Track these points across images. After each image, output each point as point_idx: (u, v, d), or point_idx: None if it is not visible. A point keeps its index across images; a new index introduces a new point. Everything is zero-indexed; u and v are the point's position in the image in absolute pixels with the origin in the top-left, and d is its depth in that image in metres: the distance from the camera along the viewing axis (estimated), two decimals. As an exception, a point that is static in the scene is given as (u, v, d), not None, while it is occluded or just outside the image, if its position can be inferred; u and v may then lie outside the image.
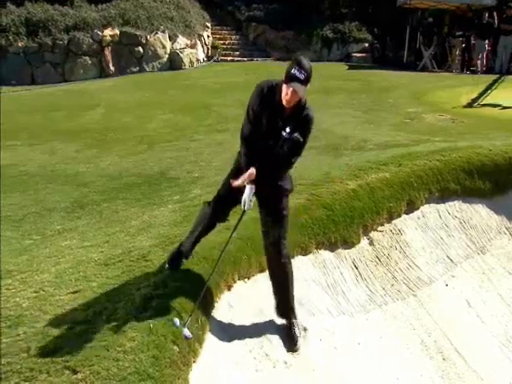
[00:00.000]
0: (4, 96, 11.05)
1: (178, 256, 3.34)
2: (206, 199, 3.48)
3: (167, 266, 3.33)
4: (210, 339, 3.08)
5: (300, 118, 2.93)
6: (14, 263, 3.75)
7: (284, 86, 2.80)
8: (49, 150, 7.47)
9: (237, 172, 3.12)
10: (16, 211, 5.02)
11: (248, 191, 2.99)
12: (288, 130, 2.91)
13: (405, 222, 4.82)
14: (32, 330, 2.85)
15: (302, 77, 2.74)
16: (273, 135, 2.92)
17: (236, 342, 3.21)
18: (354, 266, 4.28)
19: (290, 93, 2.78)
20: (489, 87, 11.22)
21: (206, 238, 3.42)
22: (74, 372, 2.52)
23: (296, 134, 2.92)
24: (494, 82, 11.82)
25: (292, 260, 3.37)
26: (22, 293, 3.25)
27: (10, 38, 12.62)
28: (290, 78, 2.76)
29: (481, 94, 10.53)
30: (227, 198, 3.19)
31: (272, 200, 3.12)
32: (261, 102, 2.90)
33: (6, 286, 3.36)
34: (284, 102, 2.83)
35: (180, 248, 3.35)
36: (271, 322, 3.41)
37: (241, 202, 3.07)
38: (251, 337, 3.28)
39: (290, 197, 3.27)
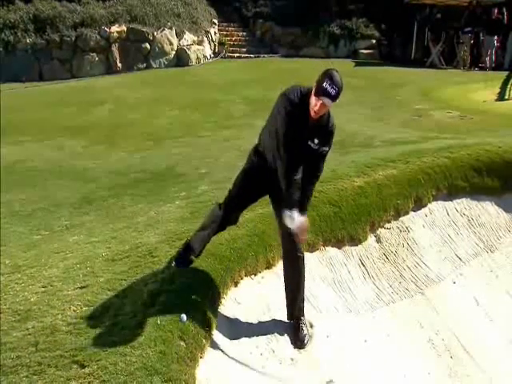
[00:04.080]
0: (13, 92, 11.11)
1: (184, 255, 3.33)
2: (213, 195, 3.49)
3: (174, 264, 3.32)
4: (217, 335, 3.08)
5: (325, 128, 2.91)
6: (23, 258, 3.77)
7: (313, 98, 2.77)
8: (57, 146, 7.51)
9: (249, 175, 3.12)
10: (25, 206, 5.05)
11: (295, 217, 2.85)
12: (316, 141, 2.89)
13: (412, 219, 4.79)
14: (40, 324, 2.86)
15: (333, 92, 2.71)
16: (298, 143, 2.89)
17: (242, 338, 3.21)
18: (361, 264, 4.27)
19: (319, 105, 2.75)
20: (505, 82, 11.17)
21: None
22: (82, 366, 2.54)
23: (325, 148, 2.93)
24: (508, 77, 11.75)
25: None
26: (30, 287, 3.27)
27: (19, 34, 12.69)
28: (320, 92, 2.73)
29: (503, 88, 10.50)
30: (240, 203, 3.20)
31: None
32: (292, 113, 2.83)
33: (15, 281, 3.38)
34: (312, 114, 2.81)
35: (189, 246, 3.33)
36: (278, 318, 3.41)
37: (252, 203, 3.19)
38: (258, 333, 3.28)
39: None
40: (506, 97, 9.97)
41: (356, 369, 3.45)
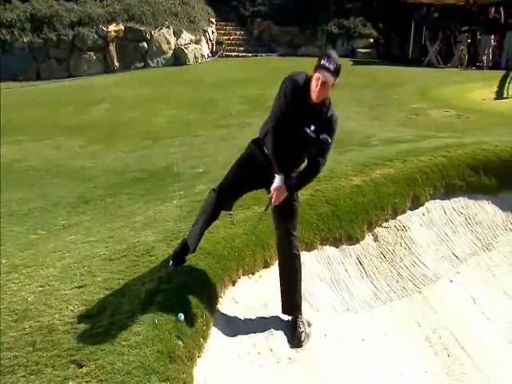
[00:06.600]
0: (11, 91, 11.08)
1: (181, 253, 3.31)
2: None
3: (171, 263, 3.30)
4: (215, 334, 3.08)
5: (324, 117, 2.91)
6: (20, 257, 3.76)
7: (314, 77, 2.80)
8: (55, 146, 7.49)
9: (247, 163, 3.11)
10: (22, 206, 5.04)
11: (278, 181, 2.96)
12: (313, 128, 2.89)
13: (410, 218, 4.80)
14: (37, 324, 2.86)
15: (331, 67, 2.76)
16: (295, 129, 2.90)
17: (240, 337, 3.21)
18: (358, 262, 4.27)
19: (319, 84, 2.77)
20: (503, 81, 11.20)
21: (211, 233, 3.41)
22: (80, 366, 2.53)
23: (324, 135, 2.90)
24: (505, 76, 11.77)
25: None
26: (27, 287, 3.26)
27: (16, 33, 12.66)
28: (319, 67, 2.78)
29: (500, 87, 10.52)
30: (235, 189, 3.18)
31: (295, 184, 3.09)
32: (294, 93, 2.86)
33: (12, 280, 3.37)
34: (313, 96, 2.81)
35: (184, 243, 3.32)
36: (275, 317, 3.41)
37: (246, 192, 3.15)
38: (255, 332, 3.28)
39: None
40: (505, 95, 10.00)
41: (354, 367, 3.46)
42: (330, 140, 2.93)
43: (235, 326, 3.25)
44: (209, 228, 3.32)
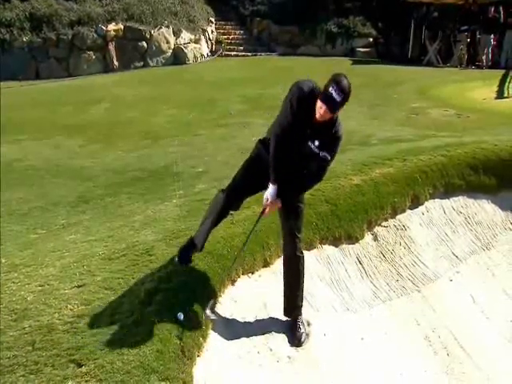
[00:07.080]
0: (10, 91, 11.08)
1: (187, 250, 3.29)
2: (210, 194, 3.48)
3: (177, 260, 3.29)
4: (214, 334, 3.09)
5: (330, 133, 2.90)
6: (20, 257, 3.76)
7: (319, 101, 2.77)
8: (54, 145, 7.49)
9: (255, 163, 3.12)
10: (21, 205, 5.04)
11: (271, 191, 2.98)
12: (317, 143, 2.89)
13: (409, 217, 4.80)
14: (37, 323, 2.86)
15: (337, 98, 2.71)
16: (299, 141, 2.89)
17: (240, 336, 3.21)
18: (358, 262, 4.28)
19: (323, 111, 2.76)
20: (503, 80, 11.21)
21: (211, 232, 3.40)
22: (79, 365, 2.53)
23: (325, 153, 2.91)
24: (505, 75, 11.78)
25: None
26: (27, 286, 3.26)
27: (15, 32, 12.65)
28: (325, 97, 2.73)
29: (501, 87, 10.53)
30: (243, 190, 3.19)
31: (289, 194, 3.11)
32: (300, 102, 2.83)
33: (11, 280, 3.37)
34: (317, 115, 2.80)
35: (192, 242, 3.30)
36: (275, 316, 3.42)
37: (254, 193, 3.17)
38: (255, 332, 3.29)
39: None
40: (505, 94, 10.01)
41: (353, 367, 3.46)
42: (329, 158, 2.95)
43: (235, 326, 3.26)
44: (216, 227, 3.32)
